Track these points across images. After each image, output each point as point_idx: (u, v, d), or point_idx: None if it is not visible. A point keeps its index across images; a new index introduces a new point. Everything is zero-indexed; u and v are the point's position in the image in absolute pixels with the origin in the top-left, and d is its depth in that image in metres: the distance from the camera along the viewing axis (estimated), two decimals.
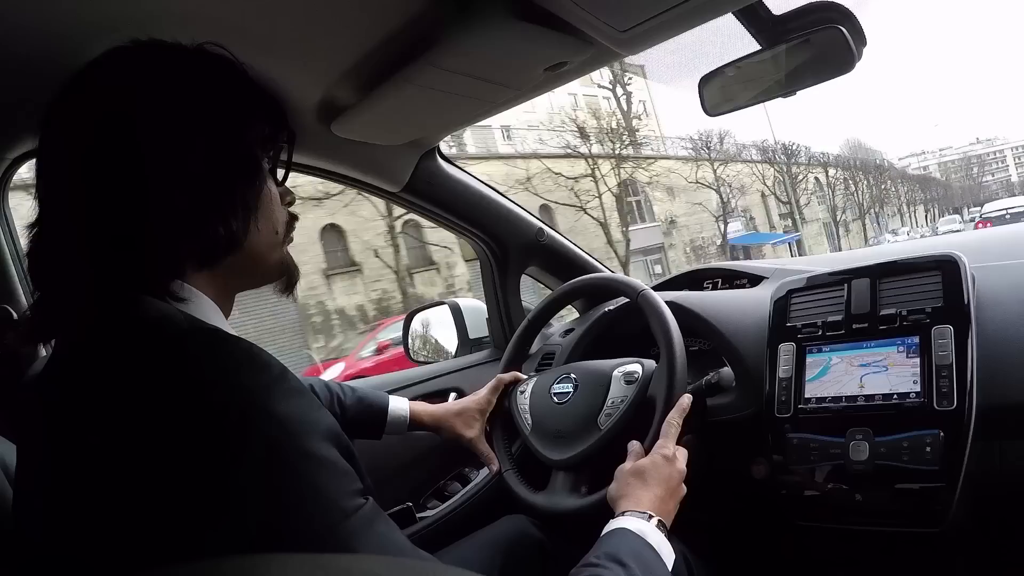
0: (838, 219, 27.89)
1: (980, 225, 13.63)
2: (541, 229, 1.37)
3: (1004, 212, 14.66)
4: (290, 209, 0.61)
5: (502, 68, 0.82)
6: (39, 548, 0.46)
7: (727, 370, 1.01)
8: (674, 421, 0.80)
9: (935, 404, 0.79)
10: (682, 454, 0.78)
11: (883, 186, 34.40)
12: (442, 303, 1.53)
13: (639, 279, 1.04)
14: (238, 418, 0.42)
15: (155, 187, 0.47)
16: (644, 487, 0.73)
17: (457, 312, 1.47)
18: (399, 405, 1.01)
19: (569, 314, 1.46)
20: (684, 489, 0.76)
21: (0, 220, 0.93)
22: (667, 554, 0.66)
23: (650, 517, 0.68)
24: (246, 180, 0.53)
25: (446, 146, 1.24)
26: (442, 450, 1.13)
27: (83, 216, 0.47)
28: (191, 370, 0.44)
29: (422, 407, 1.03)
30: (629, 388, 0.89)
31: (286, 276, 0.61)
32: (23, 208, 0.59)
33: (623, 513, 0.69)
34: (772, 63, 0.87)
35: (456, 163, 1.25)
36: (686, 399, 0.83)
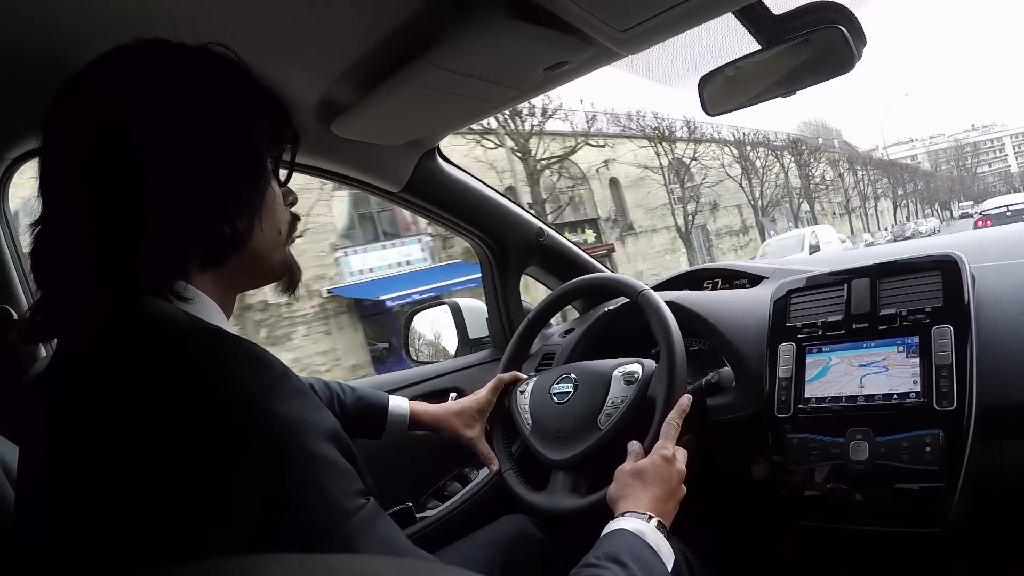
0: (690, 225, 17.51)
1: (980, 223, 13.58)
2: (541, 229, 1.38)
3: (1005, 209, 14.54)
4: (292, 210, 0.61)
5: (501, 68, 0.82)
6: (40, 548, 0.46)
7: (727, 370, 1.01)
8: (674, 422, 0.80)
9: (935, 404, 0.79)
10: (682, 454, 0.78)
11: (810, 172, 25.01)
12: (442, 303, 1.53)
13: None
14: (240, 418, 0.42)
15: (158, 187, 0.47)
16: (644, 488, 0.73)
17: (457, 312, 1.47)
18: (399, 405, 1.01)
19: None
20: (684, 490, 0.76)
21: (0, 220, 0.93)
22: (666, 554, 0.66)
23: (650, 518, 0.68)
24: (251, 180, 0.53)
25: None
26: (442, 450, 1.13)
27: (83, 216, 0.47)
28: (193, 370, 0.44)
29: (422, 407, 1.03)
30: (629, 388, 0.89)
31: (288, 276, 0.62)
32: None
33: (623, 514, 0.70)
34: (772, 63, 0.87)
35: (456, 163, 1.25)
36: (686, 399, 0.83)
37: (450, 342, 1.48)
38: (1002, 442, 0.79)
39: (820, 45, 0.82)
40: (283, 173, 0.61)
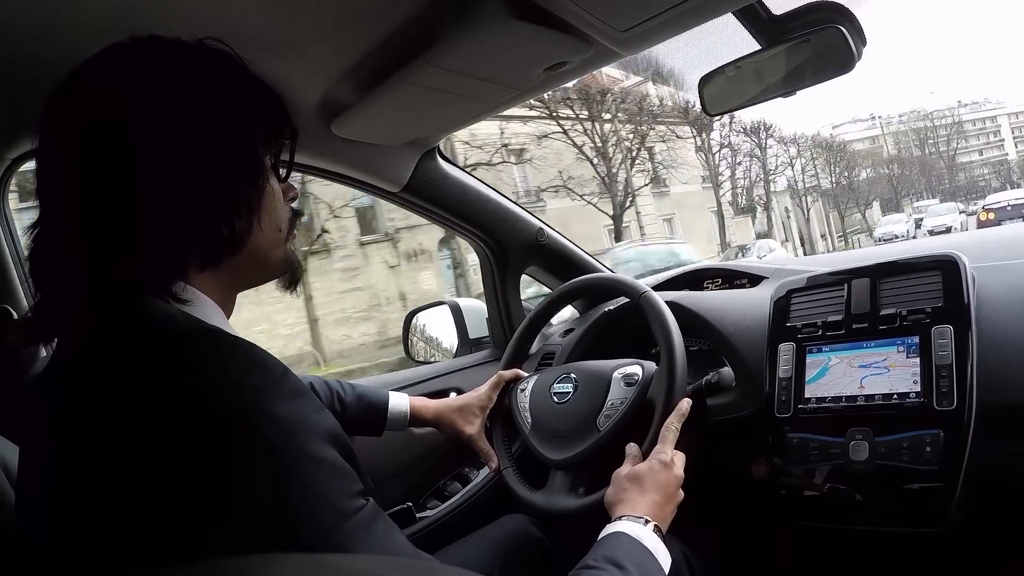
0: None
1: (984, 216, 13.60)
2: (541, 229, 1.38)
3: (1006, 204, 14.46)
4: (292, 206, 0.61)
5: (501, 68, 0.82)
6: (40, 548, 0.46)
7: (727, 370, 1.01)
8: (672, 426, 0.80)
9: (935, 404, 0.79)
10: (680, 459, 0.78)
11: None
12: (442, 303, 1.53)
13: None
14: (238, 419, 0.42)
15: (154, 188, 0.47)
16: (641, 493, 0.72)
17: (457, 312, 1.47)
18: (399, 401, 1.01)
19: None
20: (681, 494, 0.75)
21: (0, 220, 0.93)
22: (663, 557, 0.65)
23: (647, 522, 0.68)
24: (249, 179, 0.53)
25: None
26: (442, 450, 1.13)
27: (76, 218, 0.47)
28: (191, 370, 0.44)
29: (422, 402, 1.03)
30: (629, 390, 0.89)
31: (289, 273, 0.61)
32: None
33: (620, 518, 0.69)
34: (772, 63, 0.87)
35: (456, 163, 1.25)
36: (685, 403, 0.83)
37: (450, 342, 1.48)
38: (1002, 442, 0.79)
39: (820, 45, 0.82)
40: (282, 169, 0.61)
